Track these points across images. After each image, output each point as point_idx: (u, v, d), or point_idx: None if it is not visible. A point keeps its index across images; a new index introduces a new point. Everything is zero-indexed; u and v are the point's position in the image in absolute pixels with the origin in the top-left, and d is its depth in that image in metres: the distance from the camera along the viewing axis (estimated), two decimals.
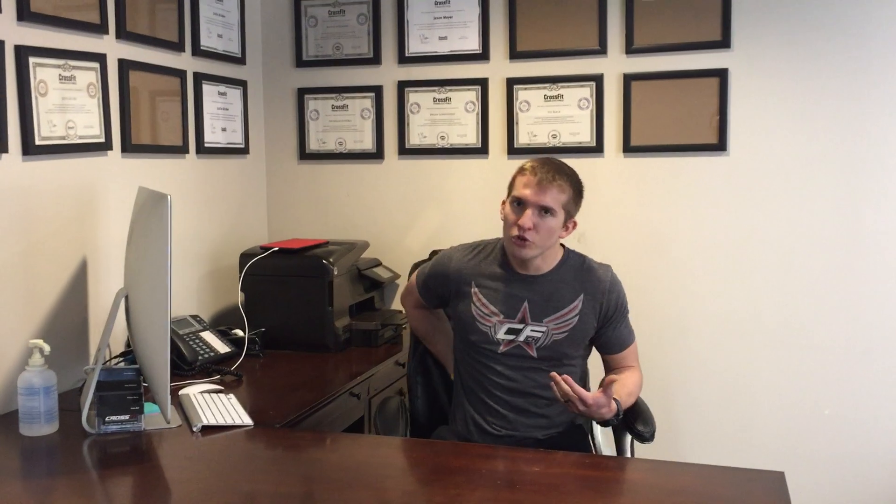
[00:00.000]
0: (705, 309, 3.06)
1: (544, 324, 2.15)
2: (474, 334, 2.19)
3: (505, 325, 2.16)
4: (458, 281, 2.23)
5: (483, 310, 2.18)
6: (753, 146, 2.97)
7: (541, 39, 3.13)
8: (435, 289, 2.31)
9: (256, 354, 2.79)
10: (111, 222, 2.56)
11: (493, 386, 2.18)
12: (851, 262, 2.92)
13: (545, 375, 2.13)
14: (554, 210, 2.08)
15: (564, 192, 2.09)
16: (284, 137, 3.46)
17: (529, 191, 2.08)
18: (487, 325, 2.17)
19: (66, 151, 2.39)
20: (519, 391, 2.17)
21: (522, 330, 2.16)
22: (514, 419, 2.17)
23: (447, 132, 3.27)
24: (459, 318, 2.23)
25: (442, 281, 2.28)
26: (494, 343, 2.17)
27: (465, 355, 2.25)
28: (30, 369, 1.99)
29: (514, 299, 2.16)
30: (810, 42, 2.89)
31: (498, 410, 2.18)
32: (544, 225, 2.08)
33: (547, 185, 2.07)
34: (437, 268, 2.30)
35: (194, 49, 2.98)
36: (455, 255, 2.28)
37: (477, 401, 2.21)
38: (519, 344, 2.16)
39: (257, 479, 1.78)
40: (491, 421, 2.18)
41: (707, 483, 1.75)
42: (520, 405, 2.17)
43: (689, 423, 3.10)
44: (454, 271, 2.25)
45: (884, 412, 2.92)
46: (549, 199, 2.07)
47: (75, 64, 2.41)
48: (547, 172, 2.08)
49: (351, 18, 3.33)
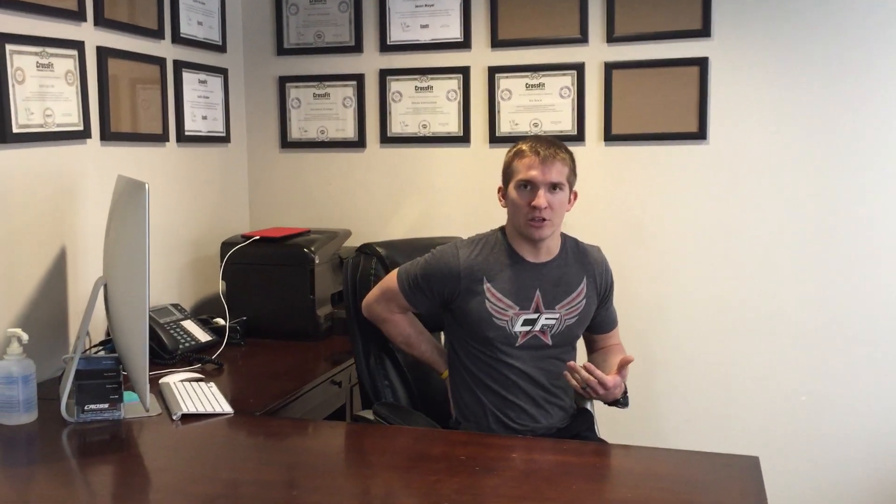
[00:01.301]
0: (685, 296, 3.09)
1: (556, 310, 2.13)
2: (491, 331, 2.11)
3: (521, 316, 2.11)
4: (469, 278, 2.12)
5: (498, 304, 2.11)
6: (733, 134, 2.99)
7: (522, 28, 3.13)
8: (438, 289, 2.16)
9: (237, 343, 2.78)
10: (90, 211, 2.54)
11: (513, 380, 2.13)
12: (829, 249, 2.95)
13: (555, 363, 2.14)
14: (562, 184, 2.09)
15: (566, 165, 2.10)
16: (266, 126, 3.45)
17: (536, 171, 2.07)
18: (504, 320, 2.11)
19: (44, 139, 2.37)
20: (537, 383, 2.13)
21: (538, 319, 2.12)
22: (534, 412, 2.14)
23: (429, 121, 3.27)
24: (470, 317, 2.12)
25: (449, 281, 2.14)
26: (512, 337, 2.11)
27: (479, 353, 2.15)
28: (8, 358, 1.98)
29: (526, 289, 2.13)
30: (790, 31, 2.90)
31: (519, 405, 2.13)
32: (557, 201, 2.08)
33: (551, 162, 2.07)
34: (440, 267, 2.16)
35: (174, 37, 2.97)
36: (461, 252, 2.16)
37: (497, 398, 2.14)
38: (535, 334, 2.13)
39: (238, 466, 1.78)
40: (513, 417, 2.13)
41: (683, 468, 1.77)
42: (538, 397, 2.14)
43: (669, 409, 3.13)
44: (465, 268, 2.13)
45: (859, 399, 2.96)
46: (556, 174, 2.07)
47: (53, 51, 2.39)
48: (548, 149, 2.08)
49: (332, 6, 3.32)
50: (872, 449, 2.96)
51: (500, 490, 1.63)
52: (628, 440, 2.17)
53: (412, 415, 2.24)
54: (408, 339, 2.28)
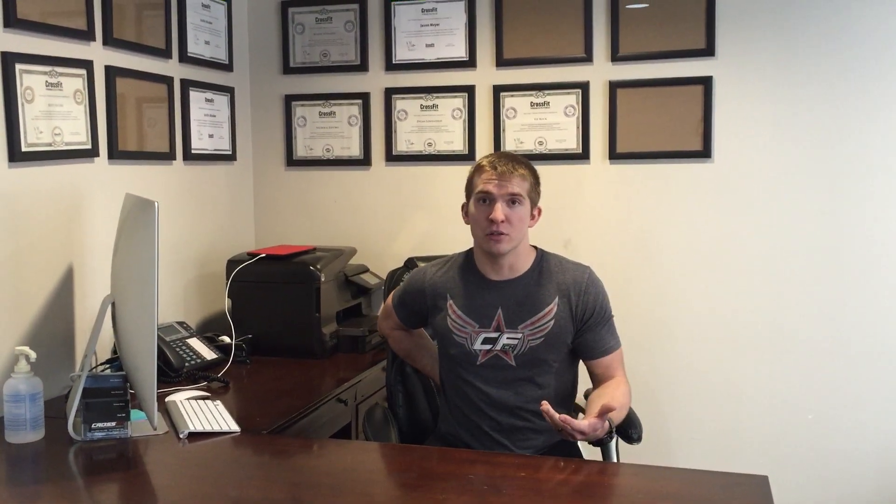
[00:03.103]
0: (690, 314, 3.09)
1: (519, 330, 2.11)
2: (452, 347, 2.16)
3: (481, 334, 2.13)
4: (434, 295, 2.21)
5: (458, 321, 2.15)
6: (737, 153, 3.00)
7: (527, 47, 3.15)
8: (412, 306, 2.28)
9: (243, 361, 2.78)
10: (98, 229, 2.55)
11: (475, 403, 2.14)
12: (834, 266, 2.95)
13: (529, 387, 2.12)
14: (521, 197, 2.09)
15: (526, 180, 2.10)
16: (272, 144, 3.47)
17: (493, 184, 2.08)
18: (463, 337, 2.14)
19: (52, 158, 2.39)
20: (505, 406, 2.12)
21: (498, 339, 2.12)
22: (499, 437, 2.13)
23: (434, 139, 3.28)
24: (438, 333, 2.22)
25: (418, 297, 2.25)
26: (472, 354, 2.13)
27: (449, 371, 2.22)
28: (15, 376, 1.98)
29: (487, 307, 2.14)
30: (793, 50, 2.92)
31: (483, 430, 2.14)
32: (515, 214, 2.08)
33: (509, 176, 2.08)
34: (412, 285, 2.28)
35: (181, 56, 2.99)
36: (429, 270, 2.26)
37: (462, 418, 2.17)
38: (496, 353, 2.12)
39: (244, 485, 1.78)
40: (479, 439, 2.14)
41: (692, 487, 1.76)
42: (508, 423, 2.12)
43: (675, 427, 3.12)
44: (429, 285, 2.22)
45: (866, 416, 2.95)
46: (514, 187, 2.08)
47: (62, 70, 2.41)
48: (506, 164, 2.10)
49: (338, 25, 3.34)
50: (880, 465, 2.95)
51: None
52: (632, 458, 2.16)
53: (387, 430, 2.30)
54: (407, 353, 2.42)
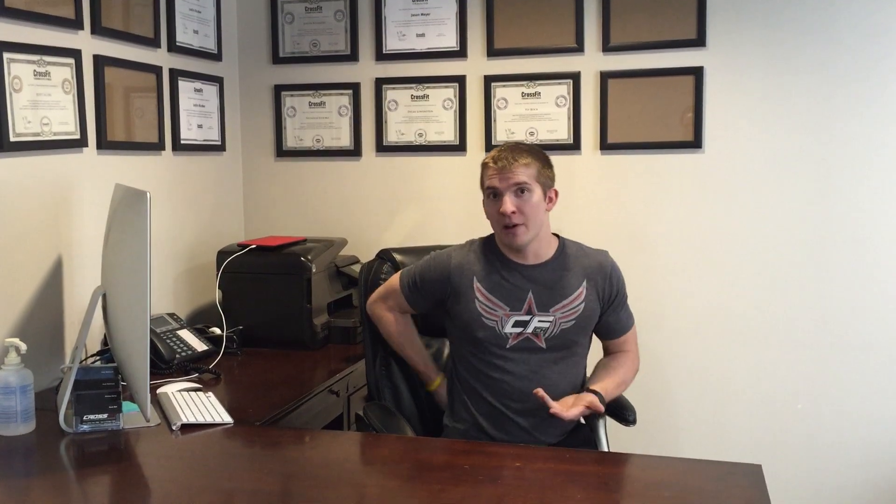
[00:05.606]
0: (681, 304, 3.10)
1: (551, 313, 2.13)
2: (481, 330, 2.13)
3: (512, 317, 2.13)
4: (460, 278, 2.18)
5: (488, 304, 2.14)
6: (728, 143, 3.01)
7: (518, 37, 3.14)
8: (429, 289, 2.23)
9: (234, 352, 2.77)
10: (87, 220, 2.53)
11: (505, 388, 2.13)
12: (824, 257, 2.96)
13: (555, 371, 2.14)
14: (528, 184, 2.09)
15: (531, 167, 2.10)
16: (261, 134, 3.44)
17: (497, 179, 2.09)
18: (494, 320, 2.13)
19: (40, 148, 2.36)
20: (531, 390, 2.09)
21: (530, 321, 2.13)
22: (526, 425, 2.13)
23: (425, 129, 3.27)
24: (461, 318, 2.17)
25: (440, 280, 2.21)
26: (503, 337, 2.13)
27: (471, 356, 2.18)
28: (6, 368, 1.96)
29: (518, 291, 2.14)
30: (784, 41, 2.93)
31: (510, 417, 2.13)
32: (526, 204, 2.08)
33: (510, 166, 2.08)
34: (434, 269, 2.23)
35: (170, 45, 2.96)
36: (454, 254, 2.23)
37: (483, 405, 2.15)
38: (527, 336, 2.13)
39: (237, 476, 1.77)
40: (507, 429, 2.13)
41: (687, 476, 1.77)
42: (533, 408, 2.11)
43: (667, 417, 3.14)
44: (455, 268, 2.19)
45: (856, 405, 2.97)
46: (517, 176, 2.08)
47: (50, 60, 2.38)
48: (507, 155, 2.10)
49: (328, 15, 3.32)
50: (870, 455, 2.97)
51: (505, 499, 1.62)
52: (625, 447, 2.19)
53: (397, 420, 2.25)
54: (401, 340, 2.34)
